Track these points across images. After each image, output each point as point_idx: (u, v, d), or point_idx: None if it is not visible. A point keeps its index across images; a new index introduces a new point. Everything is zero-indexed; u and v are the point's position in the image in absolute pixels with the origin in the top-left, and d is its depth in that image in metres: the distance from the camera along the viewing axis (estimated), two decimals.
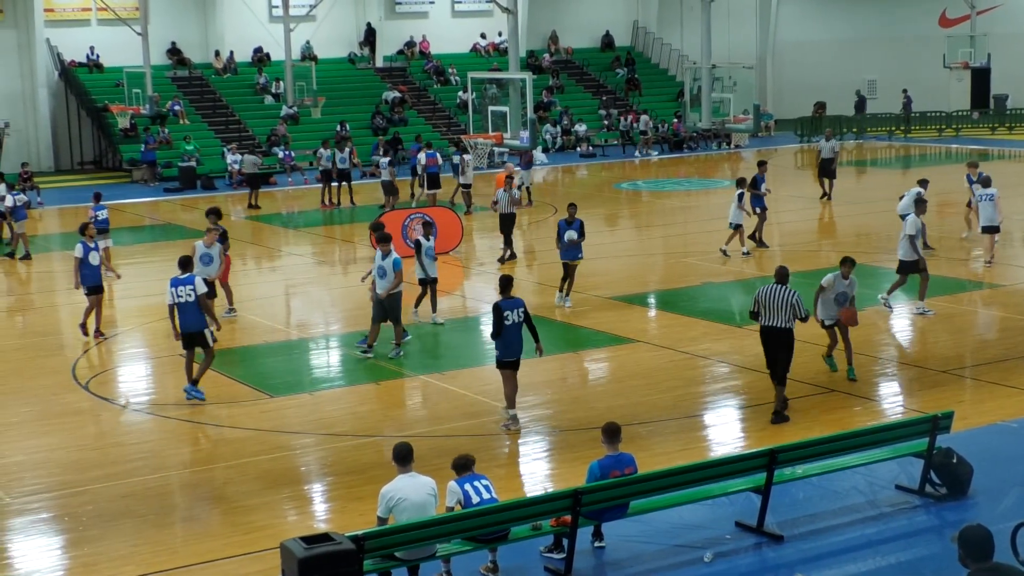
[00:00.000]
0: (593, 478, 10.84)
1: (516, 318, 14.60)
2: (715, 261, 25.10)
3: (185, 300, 16.19)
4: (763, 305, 14.83)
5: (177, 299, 16.21)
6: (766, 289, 14.91)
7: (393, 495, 10.18)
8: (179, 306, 16.25)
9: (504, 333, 14.53)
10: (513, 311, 14.60)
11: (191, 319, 16.27)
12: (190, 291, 16.16)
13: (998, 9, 56.04)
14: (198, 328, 16.32)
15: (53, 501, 13.00)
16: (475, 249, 28.58)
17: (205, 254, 19.90)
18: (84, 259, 19.53)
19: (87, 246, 19.62)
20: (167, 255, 29.74)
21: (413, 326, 19.49)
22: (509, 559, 10.81)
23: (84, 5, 47.82)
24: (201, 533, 12.03)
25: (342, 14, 51.84)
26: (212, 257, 19.98)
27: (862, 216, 31.35)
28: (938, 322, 19.66)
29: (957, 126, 54.32)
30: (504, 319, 14.51)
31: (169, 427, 15.49)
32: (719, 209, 33.54)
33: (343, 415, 15.58)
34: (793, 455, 11.72)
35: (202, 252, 19.87)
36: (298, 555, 9.19)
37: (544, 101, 50.65)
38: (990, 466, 12.67)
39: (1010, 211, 31.50)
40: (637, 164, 46.90)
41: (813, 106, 56.29)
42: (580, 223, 21.15)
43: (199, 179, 42.04)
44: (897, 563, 10.96)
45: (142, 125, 45.14)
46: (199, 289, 16.21)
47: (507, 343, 14.62)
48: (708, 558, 10.99)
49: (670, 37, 57.23)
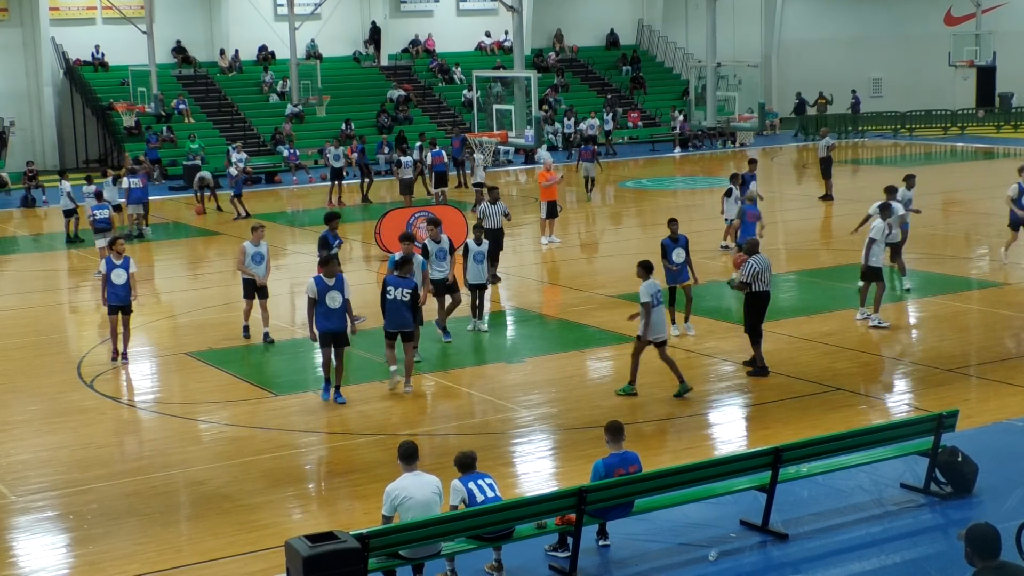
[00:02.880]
0: (598, 476, 10.83)
1: (400, 296, 15.98)
2: (718, 258, 25.07)
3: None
4: (763, 271, 16.61)
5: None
6: (761, 258, 16.65)
7: (398, 493, 10.17)
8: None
9: (386, 306, 16.08)
10: (398, 289, 16.00)
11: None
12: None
13: (1004, 7, 55.98)
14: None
15: (58, 499, 13.01)
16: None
17: (256, 253, 19.36)
18: (108, 276, 18.11)
19: (112, 262, 18.15)
20: (171, 254, 29.83)
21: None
22: (513, 558, 10.80)
23: (89, 4, 47.88)
24: (206, 531, 12.04)
25: (347, 12, 51.88)
26: (263, 256, 19.43)
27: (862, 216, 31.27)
28: (943, 320, 19.64)
29: (962, 124, 54.28)
30: (387, 294, 16.02)
31: (174, 425, 15.49)
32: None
33: (348, 413, 15.58)
34: (798, 453, 11.71)
35: (253, 252, 19.35)
36: (303, 553, 9.19)
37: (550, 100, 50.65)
38: (995, 464, 12.65)
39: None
40: (642, 163, 46.88)
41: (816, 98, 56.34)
42: (685, 240, 18.74)
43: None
44: (902, 561, 10.94)
45: (146, 124, 45.21)
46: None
47: (388, 316, 16.14)
48: (713, 556, 10.98)
49: (675, 35, 57.25)
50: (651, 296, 15.49)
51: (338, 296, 15.72)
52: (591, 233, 31.34)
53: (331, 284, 15.73)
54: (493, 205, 23.15)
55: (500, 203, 23.30)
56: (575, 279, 23.98)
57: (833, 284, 22.77)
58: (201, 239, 31.54)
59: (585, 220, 33.29)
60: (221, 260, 28.23)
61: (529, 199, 35.03)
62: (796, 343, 18.61)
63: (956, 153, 47.42)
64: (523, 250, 27.91)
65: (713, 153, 49.26)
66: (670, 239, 18.64)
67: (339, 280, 15.78)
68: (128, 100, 43.99)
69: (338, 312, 15.74)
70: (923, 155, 47.78)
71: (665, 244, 18.64)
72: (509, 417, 15.39)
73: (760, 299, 16.77)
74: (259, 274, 19.24)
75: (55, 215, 36.70)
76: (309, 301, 15.83)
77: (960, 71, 55.62)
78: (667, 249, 18.53)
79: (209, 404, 16.31)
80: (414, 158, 36.16)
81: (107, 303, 18.20)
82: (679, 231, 18.80)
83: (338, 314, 15.75)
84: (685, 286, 18.73)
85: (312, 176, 42.59)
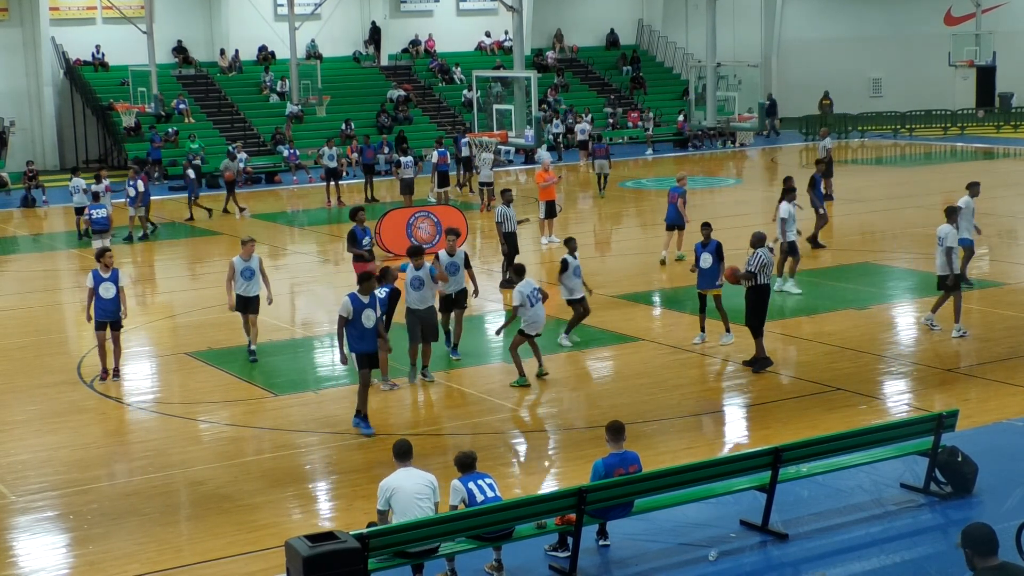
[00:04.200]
0: (598, 476, 10.84)
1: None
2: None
3: (365, 325, 14.73)
4: (768, 265, 17.06)
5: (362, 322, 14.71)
6: (765, 252, 16.91)
7: (389, 486, 10.32)
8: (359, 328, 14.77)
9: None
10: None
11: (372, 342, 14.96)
12: (371, 315, 14.79)
13: (1004, 7, 55.95)
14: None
15: (58, 499, 13.02)
16: (478, 247, 28.59)
17: (246, 268, 18.13)
18: (95, 290, 17.16)
19: (99, 276, 17.19)
20: (171, 254, 29.84)
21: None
22: (513, 558, 10.81)
23: (89, 4, 47.86)
24: (206, 531, 12.04)
25: (347, 13, 51.87)
26: (254, 271, 18.14)
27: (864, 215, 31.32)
28: (943, 320, 19.62)
29: (962, 124, 54.28)
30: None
31: (173, 425, 15.49)
32: (724, 207, 33.61)
33: (348, 413, 15.56)
34: (798, 453, 11.72)
35: (242, 267, 18.12)
36: (303, 553, 9.19)
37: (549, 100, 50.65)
38: (995, 464, 12.65)
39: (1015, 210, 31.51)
40: (641, 163, 46.88)
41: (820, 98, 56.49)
42: (717, 245, 18.17)
43: (204, 177, 42.03)
44: (902, 561, 10.94)
45: (148, 124, 45.19)
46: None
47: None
48: (713, 556, 10.98)
49: (675, 35, 57.25)
50: (523, 298, 16.38)
51: (372, 315, 14.80)
52: (591, 233, 31.31)
53: (366, 302, 14.82)
54: (508, 208, 22.88)
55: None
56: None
57: (834, 284, 22.77)
58: (201, 239, 31.54)
59: (585, 220, 33.28)
60: (221, 260, 28.23)
61: (529, 199, 35.03)
62: (796, 343, 18.62)
63: (956, 153, 47.43)
64: (523, 250, 27.84)
65: (713, 153, 49.26)
66: (701, 244, 18.27)
67: (373, 299, 14.93)
68: (128, 100, 43.98)
69: (372, 332, 14.83)
70: (923, 155, 47.80)
71: (696, 248, 18.37)
72: (509, 417, 15.40)
73: (764, 292, 17.00)
74: (251, 290, 18.14)
75: (55, 215, 36.75)
76: (340, 320, 14.84)
77: (960, 71, 55.60)
78: (697, 253, 18.26)
79: (209, 404, 16.32)
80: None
81: (94, 318, 17.20)
82: (711, 236, 18.26)
83: (372, 333, 14.83)
84: (715, 294, 18.17)
85: (312, 176, 42.59)
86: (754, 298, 16.95)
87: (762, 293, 16.98)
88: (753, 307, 16.96)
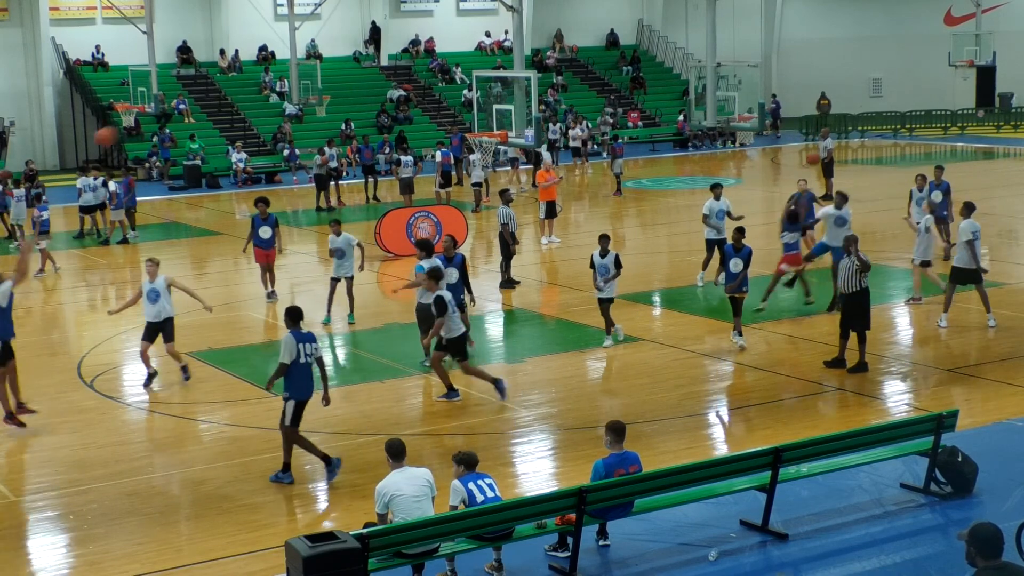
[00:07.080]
0: (598, 476, 10.84)
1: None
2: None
3: (308, 360, 13.30)
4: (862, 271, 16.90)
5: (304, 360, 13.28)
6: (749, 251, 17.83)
7: (388, 490, 10.27)
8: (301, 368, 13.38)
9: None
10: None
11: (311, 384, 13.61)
12: (316, 348, 13.40)
13: (1004, 7, 55.98)
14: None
15: (58, 499, 13.02)
16: (479, 248, 28.58)
17: (151, 290, 16.80)
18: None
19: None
20: (171, 254, 29.81)
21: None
22: (513, 558, 10.81)
23: (89, 4, 47.90)
24: (206, 531, 12.04)
25: (347, 13, 51.88)
26: (159, 293, 16.77)
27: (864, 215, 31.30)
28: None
29: (962, 124, 54.29)
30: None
31: (174, 425, 15.49)
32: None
33: (347, 413, 15.58)
34: (798, 453, 11.72)
35: (148, 288, 16.82)
36: (303, 553, 9.20)
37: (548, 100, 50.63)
38: (995, 464, 12.66)
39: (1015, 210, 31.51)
40: (642, 163, 46.87)
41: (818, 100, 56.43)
42: (749, 251, 18.06)
43: (204, 177, 42.09)
44: (902, 561, 10.94)
45: (147, 124, 45.19)
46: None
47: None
48: (713, 556, 10.99)
49: (675, 35, 57.27)
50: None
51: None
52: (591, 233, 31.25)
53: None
54: (508, 208, 22.96)
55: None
56: (575, 279, 23.93)
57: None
58: (201, 239, 31.53)
59: (584, 220, 33.28)
60: (221, 260, 28.24)
61: (528, 199, 35.04)
62: (796, 343, 18.62)
63: (956, 153, 47.43)
64: (523, 250, 27.87)
65: (713, 153, 49.26)
66: (732, 247, 18.21)
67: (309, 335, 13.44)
68: (128, 100, 43.98)
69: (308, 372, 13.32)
70: (923, 155, 47.76)
71: (727, 251, 18.34)
72: (509, 417, 15.40)
73: (861, 297, 16.67)
74: (149, 314, 16.80)
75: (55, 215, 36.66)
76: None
77: (960, 71, 55.62)
78: (727, 257, 18.23)
79: (209, 404, 16.31)
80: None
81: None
82: (743, 241, 18.15)
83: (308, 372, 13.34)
84: (741, 297, 18.09)
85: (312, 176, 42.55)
86: (858, 305, 16.62)
87: (858, 298, 16.63)
88: (855, 312, 16.64)
